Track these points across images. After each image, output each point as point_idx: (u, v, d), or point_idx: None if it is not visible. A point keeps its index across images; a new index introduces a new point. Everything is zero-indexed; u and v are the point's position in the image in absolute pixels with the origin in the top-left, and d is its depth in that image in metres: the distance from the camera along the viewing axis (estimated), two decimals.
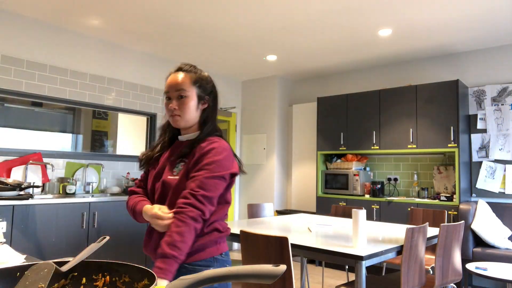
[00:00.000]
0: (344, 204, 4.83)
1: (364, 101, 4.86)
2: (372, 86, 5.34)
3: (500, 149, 4.26)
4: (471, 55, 4.59)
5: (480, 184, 4.34)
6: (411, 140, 4.44)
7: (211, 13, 3.67)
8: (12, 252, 1.61)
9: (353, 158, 5.02)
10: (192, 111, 1.46)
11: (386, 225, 3.14)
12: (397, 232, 2.74)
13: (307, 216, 3.74)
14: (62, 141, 4.17)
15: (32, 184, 3.45)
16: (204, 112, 1.50)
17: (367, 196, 4.78)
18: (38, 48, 3.91)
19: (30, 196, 3.29)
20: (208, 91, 1.50)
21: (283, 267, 0.63)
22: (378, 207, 4.56)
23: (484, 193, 4.32)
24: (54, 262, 0.80)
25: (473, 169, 4.42)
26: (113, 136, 4.65)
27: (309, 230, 2.75)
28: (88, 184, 4.12)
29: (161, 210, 1.32)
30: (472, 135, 4.43)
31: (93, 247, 0.82)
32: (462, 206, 3.96)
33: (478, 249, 3.80)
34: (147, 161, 1.55)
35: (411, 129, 4.45)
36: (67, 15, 3.78)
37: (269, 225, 3.00)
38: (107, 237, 1.05)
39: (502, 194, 4.22)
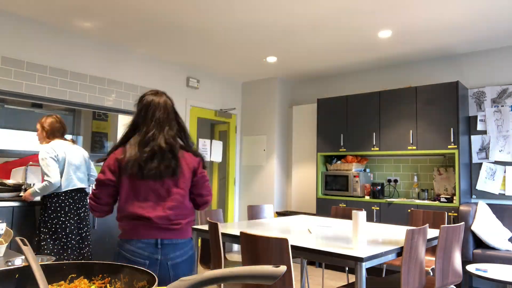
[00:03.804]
0: (344, 205, 4.83)
1: (364, 102, 4.86)
2: (372, 87, 5.34)
3: (500, 151, 4.26)
4: (471, 57, 4.59)
5: (480, 186, 4.34)
6: (411, 142, 4.44)
7: (211, 14, 3.67)
8: (11, 254, 1.61)
9: (353, 160, 5.02)
10: None
11: (386, 226, 3.14)
12: (397, 233, 2.74)
13: (307, 217, 3.73)
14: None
15: (32, 186, 3.44)
16: None
17: (367, 197, 4.77)
18: (38, 49, 3.91)
19: None
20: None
21: (283, 268, 0.63)
22: (378, 208, 4.55)
23: (484, 195, 4.32)
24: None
25: (473, 170, 4.41)
26: (113, 137, 4.64)
27: (309, 231, 2.74)
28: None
29: None
30: (472, 137, 4.44)
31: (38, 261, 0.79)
32: (462, 208, 3.96)
33: (478, 251, 3.79)
34: None
35: (411, 131, 4.45)
36: (68, 16, 3.78)
37: (269, 226, 3.00)
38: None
39: (502, 196, 4.22)
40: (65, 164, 3.04)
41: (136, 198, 1.63)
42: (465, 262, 3.83)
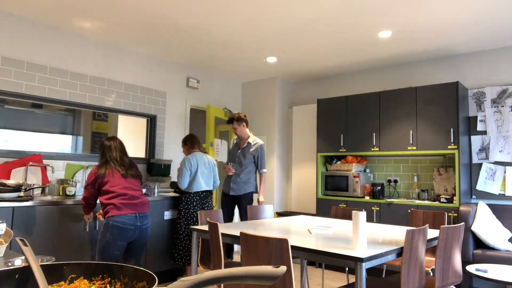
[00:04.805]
0: (344, 206, 4.83)
1: (364, 103, 4.86)
2: (372, 88, 5.34)
3: (500, 151, 4.26)
4: (471, 57, 4.59)
5: (480, 186, 4.34)
6: (411, 142, 4.44)
7: (211, 15, 3.67)
8: (10, 254, 1.61)
9: (353, 160, 5.02)
10: None
11: (386, 227, 3.14)
12: (397, 234, 2.74)
13: (307, 217, 3.73)
14: (62, 142, 4.17)
15: (33, 186, 3.45)
16: None
17: (367, 198, 4.77)
18: (39, 50, 3.91)
19: (30, 197, 3.29)
20: None
21: (283, 268, 0.63)
22: (378, 209, 4.55)
23: (484, 195, 4.32)
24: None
25: (473, 171, 4.42)
26: None
27: (309, 232, 2.74)
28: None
29: None
30: (472, 137, 4.44)
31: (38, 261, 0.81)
32: (462, 208, 3.96)
33: (478, 251, 3.79)
34: None
35: (411, 131, 4.45)
36: (68, 17, 3.78)
37: (269, 227, 3.00)
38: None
39: (502, 196, 4.22)
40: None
41: None
42: (465, 262, 3.83)
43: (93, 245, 3.60)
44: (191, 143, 4.19)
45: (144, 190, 4.22)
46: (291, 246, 2.13)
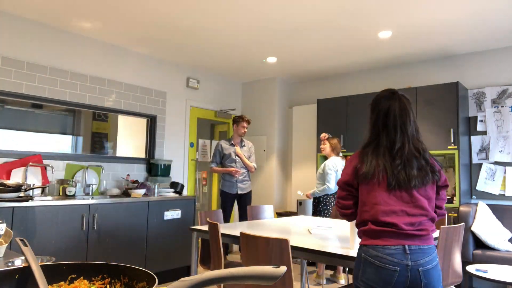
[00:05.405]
0: None
1: (364, 103, 4.86)
2: (372, 88, 5.34)
3: (500, 151, 4.26)
4: (471, 57, 4.59)
5: (480, 186, 4.34)
6: None
7: (211, 15, 3.67)
8: (10, 254, 1.61)
9: None
10: None
11: None
12: None
13: (307, 218, 3.73)
14: (62, 143, 4.16)
15: (33, 186, 3.45)
16: None
17: None
18: (39, 50, 3.91)
19: (30, 198, 3.29)
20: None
21: (283, 269, 0.63)
22: None
23: (484, 195, 4.31)
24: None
25: (473, 171, 4.41)
26: (113, 138, 4.64)
27: (309, 232, 2.74)
28: (88, 186, 4.12)
29: None
30: (472, 137, 4.44)
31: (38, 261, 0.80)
32: (462, 208, 3.96)
33: (478, 251, 3.79)
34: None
35: None
36: (68, 17, 3.78)
37: (269, 227, 3.00)
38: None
39: (502, 196, 4.22)
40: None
41: (380, 205, 1.63)
42: (465, 262, 3.83)
43: (91, 245, 3.60)
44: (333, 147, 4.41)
45: (144, 190, 4.22)
46: (291, 246, 2.13)
